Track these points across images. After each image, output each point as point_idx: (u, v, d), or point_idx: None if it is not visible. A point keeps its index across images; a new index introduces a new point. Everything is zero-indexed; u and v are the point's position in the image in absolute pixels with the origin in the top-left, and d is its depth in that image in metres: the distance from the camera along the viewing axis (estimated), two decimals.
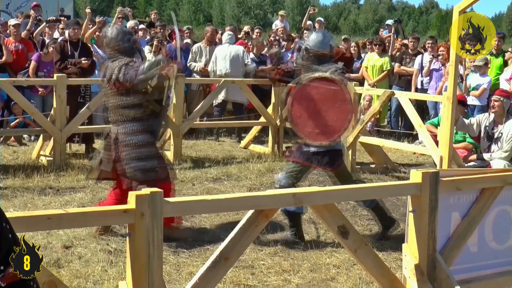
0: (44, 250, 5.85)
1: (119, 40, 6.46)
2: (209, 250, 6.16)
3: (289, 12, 53.73)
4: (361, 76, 13.18)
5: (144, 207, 3.46)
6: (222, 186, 8.55)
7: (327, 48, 6.65)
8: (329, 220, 4.26)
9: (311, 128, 6.49)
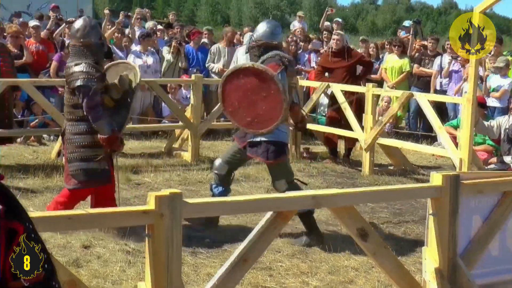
0: (64, 249, 5.88)
1: (86, 33, 6.23)
2: (227, 251, 6.15)
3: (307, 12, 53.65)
4: (380, 78, 13.12)
5: (163, 208, 3.46)
6: (240, 187, 8.54)
7: (273, 38, 6.50)
8: (348, 223, 4.24)
9: (244, 117, 6.29)
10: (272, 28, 6.57)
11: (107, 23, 13.03)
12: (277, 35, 6.60)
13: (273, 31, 6.54)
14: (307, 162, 10.21)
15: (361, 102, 10.09)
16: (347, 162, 10.34)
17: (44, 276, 1.79)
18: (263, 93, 6.14)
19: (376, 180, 9.25)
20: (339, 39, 10.49)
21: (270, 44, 6.46)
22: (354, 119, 9.78)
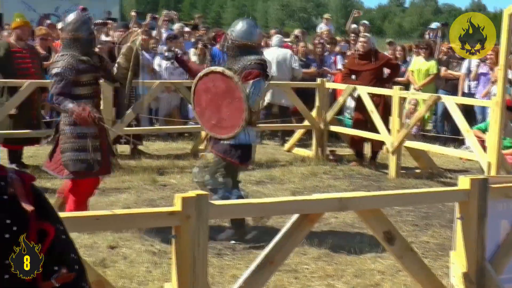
0: (90, 250, 5.92)
1: (78, 27, 6.36)
2: (252, 253, 6.14)
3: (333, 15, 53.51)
4: (406, 80, 13.04)
5: (190, 209, 3.47)
6: (265, 189, 8.54)
7: (251, 38, 6.42)
8: (375, 226, 4.22)
9: (209, 119, 6.35)
10: (250, 28, 6.46)
11: (134, 25, 13.10)
12: (254, 35, 6.52)
13: (251, 31, 6.44)
14: (333, 165, 10.18)
15: (387, 105, 10.05)
16: (373, 165, 10.30)
17: (75, 277, 1.81)
18: (228, 99, 6.18)
19: (402, 183, 9.20)
20: (365, 42, 10.46)
21: (247, 45, 6.38)
22: (381, 121, 9.74)
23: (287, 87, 11.09)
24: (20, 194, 1.71)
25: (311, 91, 11.35)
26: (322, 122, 10.82)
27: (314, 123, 10.87)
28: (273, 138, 12.50)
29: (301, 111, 11.06)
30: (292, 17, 75.22)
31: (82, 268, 1.87)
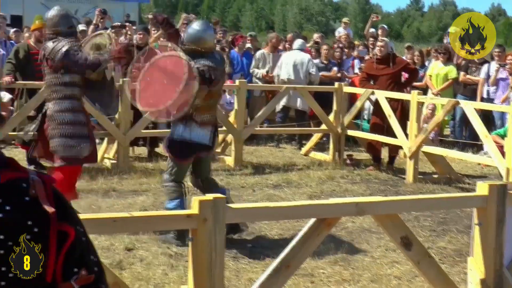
0: (107, 251, 5.95)
1: (57, 22, 6.64)
2: (269, 257, 6.14)
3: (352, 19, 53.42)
4: (424, 85, 12.99)
5: (207, 212, 3.48)
6: (282, 193, 8.54)
7: (199, 43, 6.32)
8: (392, 231, 4.21)
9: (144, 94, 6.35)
10: (200, 33, 6.38)
11: (152, 28, 13.14)
12: (204, 40, 6.38)
13: (200, 36, 6.36)
14: (350, 169, 10.17)
15: (405, 110, 10.01)
16: (391, 169, 10.26)
17: (94, 279, 1.82)
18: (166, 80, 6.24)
19: (420, 189, 9.16)
20: (383, 46, 10.44)
21: (197, 51, 6.31)
22: (398, 126, 9.70)
23: (304, 91, 11.09)
24: (41, 195, 1.73)
25: (328, 95, 11.34)
26: (339, 126, 10.80)
27: (332, 127, 10.85)
28: (290, 142, 12.50)
29: (318, 115, 11.05)
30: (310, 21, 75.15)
31: (101, 270, 1.88)
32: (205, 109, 6.42)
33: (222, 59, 6.77)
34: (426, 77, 13.08)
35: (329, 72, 12.73)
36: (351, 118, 10.89)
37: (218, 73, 6.36)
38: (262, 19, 79.99)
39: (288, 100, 11.93)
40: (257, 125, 10.96)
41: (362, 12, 74.47)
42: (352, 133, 10.98)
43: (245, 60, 12.88)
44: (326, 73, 12.62)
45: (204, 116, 6.41)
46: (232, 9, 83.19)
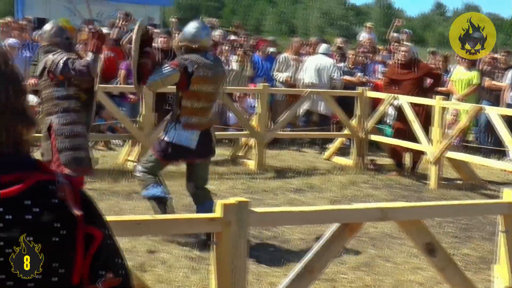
0: (130, 254, 5.96)
1: (53, 34, 6.74)
2: (290, 261, 6.13)
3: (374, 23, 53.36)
4: (448, 90, 12.90)
5: (231, 216, 3.47)
6: (304, 197, 8.52)
7: (194, 41, 6.35)
8: (416, 237, 4.17)
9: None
10: (197, 31, 6.42)
11: (175, 31, 13.19)
12: (199, 39, 6.40)
13: (196, 35, 6.39)
14: (372, 174, 10.12)
15: (428, 115, 9.96)
16: (413, 175, 10.21)
17: (120, 282, 1.82)
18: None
19: (443, 195, 9.10)
20: (406, 51, 10.39)
21: (190, 47, 6.37)
22: (421, 131, 9.64)
23: (327, 95, 11.06)
24: (69, 198, 1.73)
25: (351, 100, 11.31)
26: (362, 131, 10.76)
27: (354, 132, 10.81)
28: (313, 146, 12.47)
29: (341, 120, 11.02)
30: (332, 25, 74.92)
31: (128, 273, 1.89)
32: (192, 111, 6.31)
33: (216, 62, 6.67)
34: (450, 83, 12.99)
35: (353, 77, 12.68)
36: (374, 123, 10.84)
37: (202, 70, 6.26)
38: (284, 23, 79.87)
39: (311, 105, 11.91)
40: (280, 129, 10.94)
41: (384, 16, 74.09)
42: (375, 138, 10.93)
43: (268, 64, 12.88)
44: (349, 78, 12.58)
45: (191, 118, 6.31)
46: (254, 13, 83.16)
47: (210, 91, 6.39)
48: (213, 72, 6.36)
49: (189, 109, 6.31)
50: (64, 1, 18.70)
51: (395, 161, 10.51)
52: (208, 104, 6.45)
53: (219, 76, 6.51)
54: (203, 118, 6.41)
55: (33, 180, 1.70)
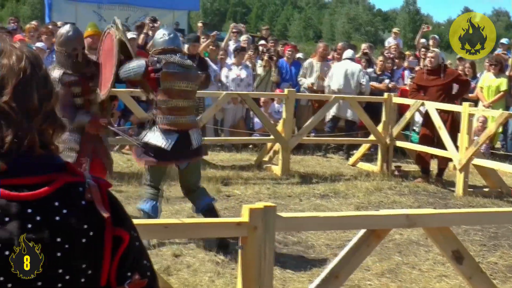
0: (155, 257, 5.99)
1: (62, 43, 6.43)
2: (315, 266, 6.12)
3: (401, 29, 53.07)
4: (475, 97, 12.80)
5: (257, 220, 3.47)
6: (329, 203, 8.49)
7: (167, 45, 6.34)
8: (443, 244, 4.13)
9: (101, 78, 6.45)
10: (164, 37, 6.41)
11: (201, 36, 13.24)
12: (173, 42, 6.41)
13: (170, 40, 6.39)
14: (398, 180, 10.06)
15: (455, 121, 9.88)
16: (440, 182, 10.12)
17: (147, 284, 1.83)
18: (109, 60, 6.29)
19: (470, 202, 9.01)
20: (433, 57, 10.32)
21: (166, 49, 6.32)
22: (449, 138, 9.56)
23: (353, 101, 11.02)
24: (97, 200, 1.75)
25: (378, 106, 11.25)
26: (388, 137, 10.70)
27: (380, 138, 10.76)
28: (338, 152, 12.43)
29: (367, 126, 10.97)
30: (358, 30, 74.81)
31: (154, 275, 1.90)
32: (167, 110, 6.24)
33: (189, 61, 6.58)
34: (477, 89, 12.89)
35: (380, 84, 12.63)
36: (400, 129, 10.78)
37: (172, 67, 6.23)
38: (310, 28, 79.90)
39: (338, 110, 11.87)
40: (305, 135, 10.93)
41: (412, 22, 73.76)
42: (401, 144, 10.86)
43: (293, 70, 12.87)
44: (376, 84, 12.53)
45: (166, 117, 6.24)
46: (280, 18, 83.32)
47: (183, 88, 6.31)
48: (184, 69, 6.30)
49: (163, 108, 6.25)
50: (93, 6, 18.86)
51: (421, 168, 10.44)
52: (184, 102, 6.33)
53: (192, 74, 6.42)
54: (180, 118, 6.29)
55: (62, 182, 1.72)
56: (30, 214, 1.65)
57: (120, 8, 19.64)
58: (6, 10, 63.31)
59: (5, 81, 1.66)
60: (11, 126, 1.64)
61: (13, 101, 1.65)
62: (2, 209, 1.62)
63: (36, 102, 1.68)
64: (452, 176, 10.02)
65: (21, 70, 1.67)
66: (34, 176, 1.68)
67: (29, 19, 45.00)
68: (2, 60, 1.68)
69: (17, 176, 1.66)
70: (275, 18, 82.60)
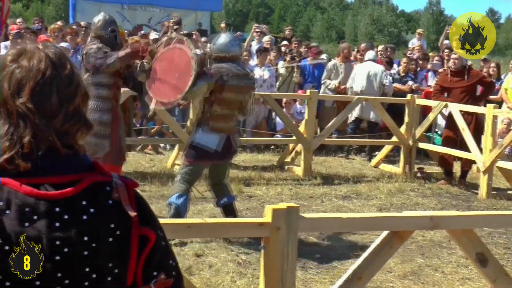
0: (177, 257, 5.98)
1: (100, 28, 6.99)
2: (337, 268, 6.12)
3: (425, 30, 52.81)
4: (500, 98, 12.68)
5: (280, 221, 3.48)
6: (351, 204, 8.47)
7: (228, 51, 6.58)
8: (468, 247, 4.11)
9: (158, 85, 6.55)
10: (229, 42, 6.66)
11: None
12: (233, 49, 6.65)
13: (230, 45, 6.63)
14: (421, 182, 10.01)
15: (479, 123, 9.80)
16: (463, 184, 10.05)
17: (172, 283, 1.85)
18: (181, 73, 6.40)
19: (493, 204, 8.94)
20: (457, 59, 10.25)
21: (224, 57, 6.58)
22: (472, 140, 9.50)
23: (376, 102, 10.98)
24: (124, 199, 1.76)
25: (401, 107, 11.20)
26: (411, 139, 10.65)
27: (403, 140, 10.71)
28: (360, 153, 12.39)
29: (389, 127, 10.93)
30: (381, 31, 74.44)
31: (180, 275, 1.91)
32: (220, 117, 6.58)
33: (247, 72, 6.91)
34: (502, 90, 12.77)
35: (403, 86, 12.56)
36: (423, 130, 10.72)
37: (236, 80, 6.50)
38: (333, 29, 79.68)
39: (361, 112, 11.83)
40: (327, 136, 10.90)
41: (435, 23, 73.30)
42: (424, 145, 10.80)
43: (316, 71, 12.84)
44: (399, 86, 12.46)
45: (218, 123, 6.58)
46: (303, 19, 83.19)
47: (239, 100, 6.68)
48: (245, 82, 6.63)
49: (217, 114, 6.57)
50: (116, 7, 18.97)
51: (444, 170, 10.37)
52: (233, 111, 6.76)
53: (249, 87, 6.76)
54: (227, 124, 6.67)
55: (89, 182, 1.74)
56: (58, 212, 1.67)
57: (143, 9, 19.77)
58: (31, 11, 63.89)
59: (24, 83, 1.69)
60: (29, 127, 1.67)
61: (31, 102, 1.67)
62: (31, 207, 1.65)
63: (56, 103, 1.70)
64: (476, 179, 9.95)
65: (40, 72, 1.70)
66: (60, 176, 1.70)
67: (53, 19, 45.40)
68: (22, 61, 1.71)
69: (41, 175, 1.68)
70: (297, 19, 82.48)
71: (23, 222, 1.63)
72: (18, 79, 1.69)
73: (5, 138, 1.66)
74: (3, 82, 1.69)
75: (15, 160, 1.65)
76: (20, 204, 1.64)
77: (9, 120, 1.68)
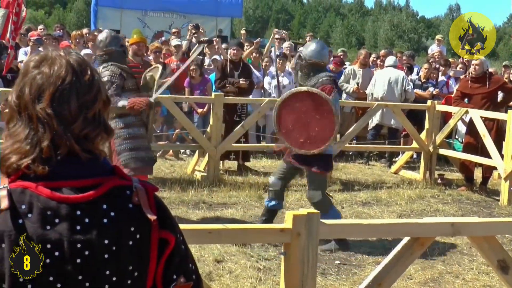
0: (197, 262, 6.01)
1: (108, 43, 6.98)
2: (357, 274, 6.09)
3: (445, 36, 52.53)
4: None
5: (300, 227, 3.47)
6: (371, 210, 8.44)
7: (322, 58, 6.75)
8: (489, 253, 4.08)
9: (297, 138, 6.54)
10: (321, 48, 6.82)
11: (244, 43, 13.28)
12: (325, 55, 6.88)
13: (322, 52, 6.80)
14: (441, 189, 9.95)
15: (500, 130, 9.73)
16: (484, 190, 9.97)
17: (192, 287, 1.85)
18: (316, 115, 6.43)
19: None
20: (478, 65, 10.18)
21: (319, 64, 6.72)
22: (493, 146, 9.43)
23: (396, 108, 10.93)
24: (144, 203, 1.78)
25: (421, 113, 11.14)
26: (431, 145, 10.59)
27: (423, 146, 10.65)
28: (380, 159, 12.34)
29: (410, 133, 10.88)
30: (402, 37, 74.19)
31: (199, 279, 1.92)
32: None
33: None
34: None
35: (424, 92, 12.50)
36: (444, 137, 10.66)
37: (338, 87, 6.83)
38: (353, 35, 79.54)
39: (382, 118, 11.79)
40: (347, 142, 10.87)
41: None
42: (444, 152, 10.74)
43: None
44: (420, 92, 12.40)
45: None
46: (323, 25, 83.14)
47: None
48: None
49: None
50: (137, 13, 19.08)
51: (465, 176, 10.30)
52: None
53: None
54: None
55: (110, 185, 1.75)
56: (79, 216, 1.69)
57: (164, 15, 19.84)
58: (53, 18, 64.49)
59: (44, 88, 1.72)
60: (48, 132, 1.69)
61: (50, 108, 1.70)
62: (53, 210, 1.66)
63: (75, 108, 1.72)
64: (497, 185, 9.88)
65: (60, 78, 1.72)
66: (80, 180, 1.72)
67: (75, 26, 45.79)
68: (44, 67, 1.74)
69: (62, 179, 1.70)
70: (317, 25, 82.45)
71: (44, 225, 1.65)
72: (39, 84, 1.72)
73: (25, 142, 1.69)
74: (25, 87, 1.72)
75: (35, 164, 1.67)
76: (42, 208, 1.66)
77: (30, 124, 1.71)
